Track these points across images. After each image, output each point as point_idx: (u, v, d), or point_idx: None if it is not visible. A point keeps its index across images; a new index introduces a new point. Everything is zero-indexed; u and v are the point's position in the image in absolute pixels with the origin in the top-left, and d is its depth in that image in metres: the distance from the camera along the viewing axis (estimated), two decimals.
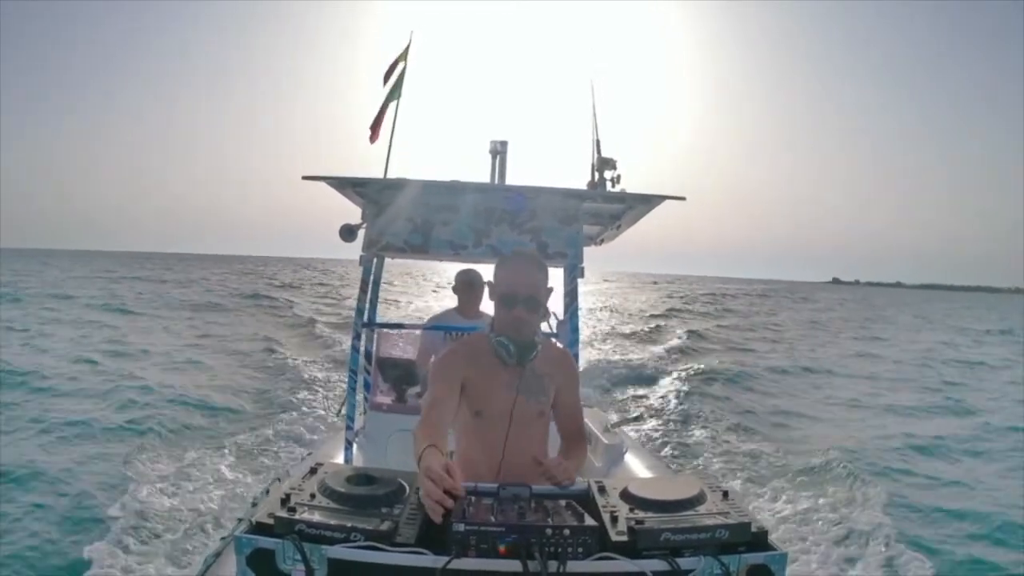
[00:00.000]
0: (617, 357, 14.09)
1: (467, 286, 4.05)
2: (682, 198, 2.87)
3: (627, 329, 20.89)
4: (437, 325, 4.10)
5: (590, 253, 3.91)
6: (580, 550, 1.47)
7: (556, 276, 2.58)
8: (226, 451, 6.55)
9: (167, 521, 4.77)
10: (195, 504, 5.09)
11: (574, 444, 2.13)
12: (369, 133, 3.41)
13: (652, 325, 22.17)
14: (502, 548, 1.46)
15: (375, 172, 3.12)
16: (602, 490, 1.75)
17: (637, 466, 4.08)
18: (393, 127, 3.39)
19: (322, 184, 2.94)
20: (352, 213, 3.38)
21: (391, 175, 3.14)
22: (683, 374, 12.19)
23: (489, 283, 2.10)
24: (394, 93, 3.44)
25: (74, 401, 8.45)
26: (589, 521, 1.55)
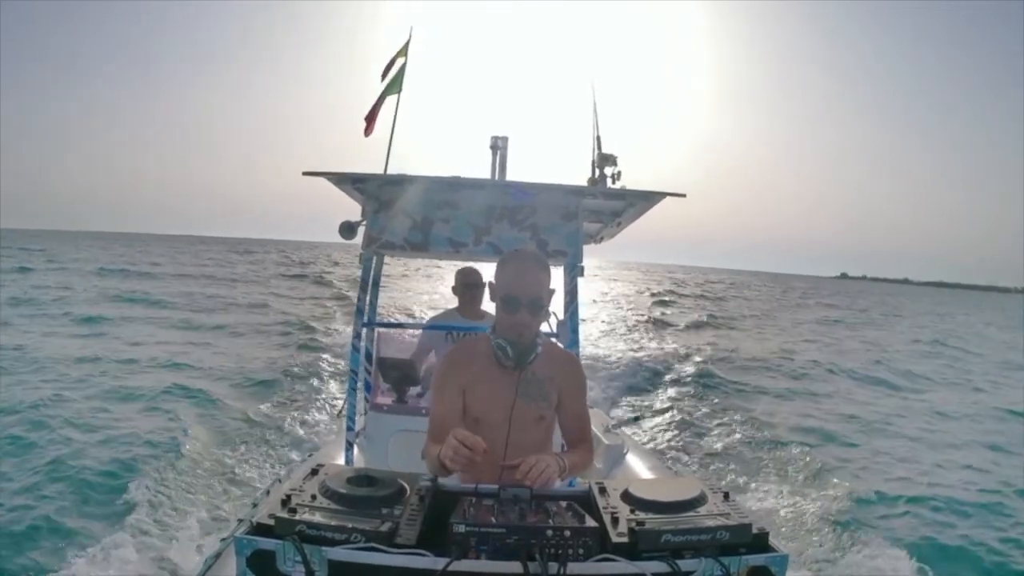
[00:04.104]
0: (616, 357, 14.10)
1: (465, 287, 4.02)
2: (682, 195, 2.85)
3: None
4: (436, 325, 4.07)
5: (589, 247, 3.90)
6: (581, 551, 1.47)
7: (555, 274, 2.56)
8: None
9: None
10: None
11: (580, 446, 2.08)
12: (364, 125, 3.39)
13: None
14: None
15: (375, 168, 3.10)
16: (603, 491, 1.74)
17: (638, 467, 4.08)
18: (394, 123, 3.36)
19: (323, 180, 2.92)
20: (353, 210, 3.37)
21: (391, 171, 3.12)
22: (683, 374, 12.21)
23: (490, 284, 2.04)
24: (393, 88, 3.41)
25: None
26: (590, 522, 1.54)
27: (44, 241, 57.57)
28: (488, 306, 3.94)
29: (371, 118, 3.38)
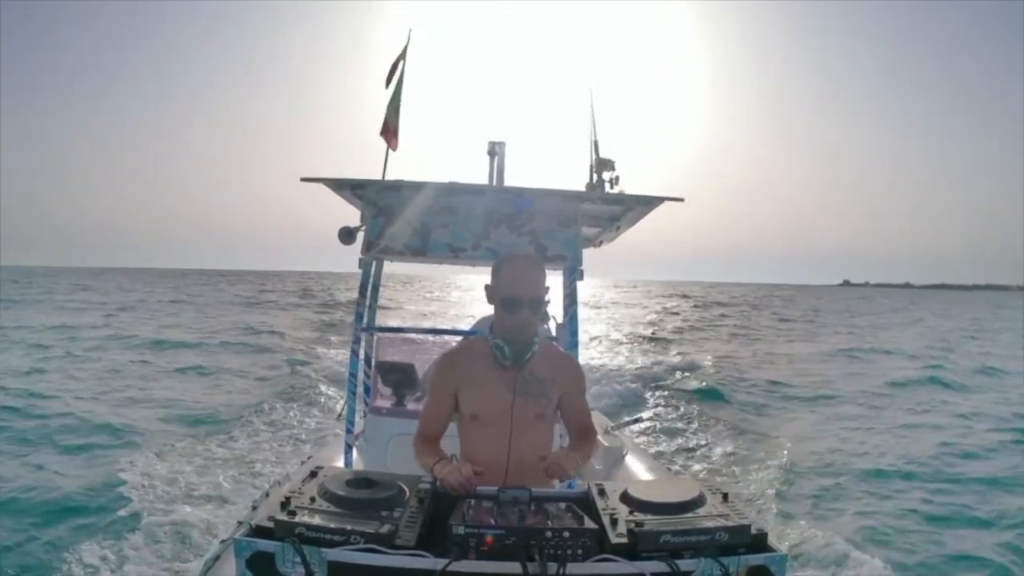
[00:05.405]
0: (617, 362, 14.12)
1: None
2: (680, 199, 2.86)
3: None
4: (435, 329, 4.07)
5: (588, 256, 3.90)
6: (580, 552, 1.47)
7: (554, 279, 2.56)
8: None
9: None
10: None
11: (582, 440, 2.11)
12: (389, 140, 3.30)
13: None
14: (488, 539, 1.46)
15: (373, 173, 3.10)
16: (602, 492, 1.74)
17: (637, 468, 4.08)
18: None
19: (326, 192, 2.93)
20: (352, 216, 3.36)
21: (389, 176, 3.12)
22: (682, 377, 12.23)
23: (488, 287, 2.06)
24: (395, 93, 3.40)
25: None
26: (589, 523, 1.54)
27: (70, 278, 58.27)
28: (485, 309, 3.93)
29: (393, 131, 3.29)
